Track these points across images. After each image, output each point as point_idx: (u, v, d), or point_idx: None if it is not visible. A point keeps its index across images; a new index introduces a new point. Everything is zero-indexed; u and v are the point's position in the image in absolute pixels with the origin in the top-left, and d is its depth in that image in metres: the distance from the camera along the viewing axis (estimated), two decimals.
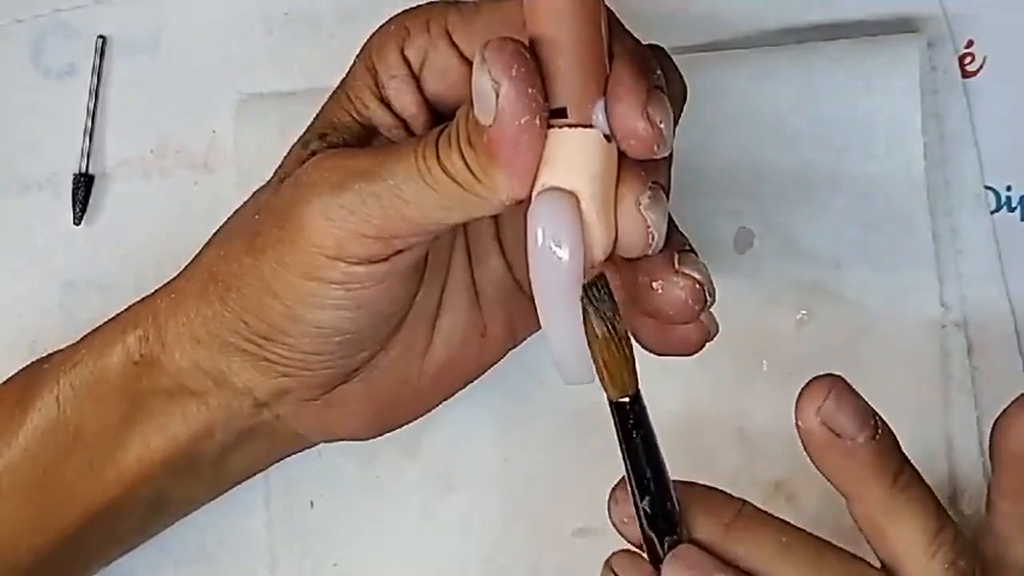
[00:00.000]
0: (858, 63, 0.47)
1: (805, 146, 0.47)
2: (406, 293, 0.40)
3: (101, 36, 0.52)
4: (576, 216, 0.34)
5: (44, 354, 0.45)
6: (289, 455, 0.45)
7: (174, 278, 0.43)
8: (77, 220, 0.51)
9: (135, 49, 0.52)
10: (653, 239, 0.35)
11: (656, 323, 0.38)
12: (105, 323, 0.44)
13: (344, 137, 0.39)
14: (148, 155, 0.51)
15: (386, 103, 0.39)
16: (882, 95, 0.47)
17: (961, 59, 0.48)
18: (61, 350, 0.45)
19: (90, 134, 0.51)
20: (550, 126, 0.34)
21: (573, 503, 0.48)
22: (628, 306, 0.38)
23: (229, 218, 0.42)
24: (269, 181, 0.41)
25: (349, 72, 0.40)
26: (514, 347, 0.44)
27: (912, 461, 0.38)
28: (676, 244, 0.37)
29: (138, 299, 0.43)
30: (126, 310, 0.43)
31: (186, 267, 0.42)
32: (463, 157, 0.35)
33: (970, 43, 0.48)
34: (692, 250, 0.37)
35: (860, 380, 0.47)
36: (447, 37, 0.38)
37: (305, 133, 0.40)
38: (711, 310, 0.38)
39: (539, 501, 0.48)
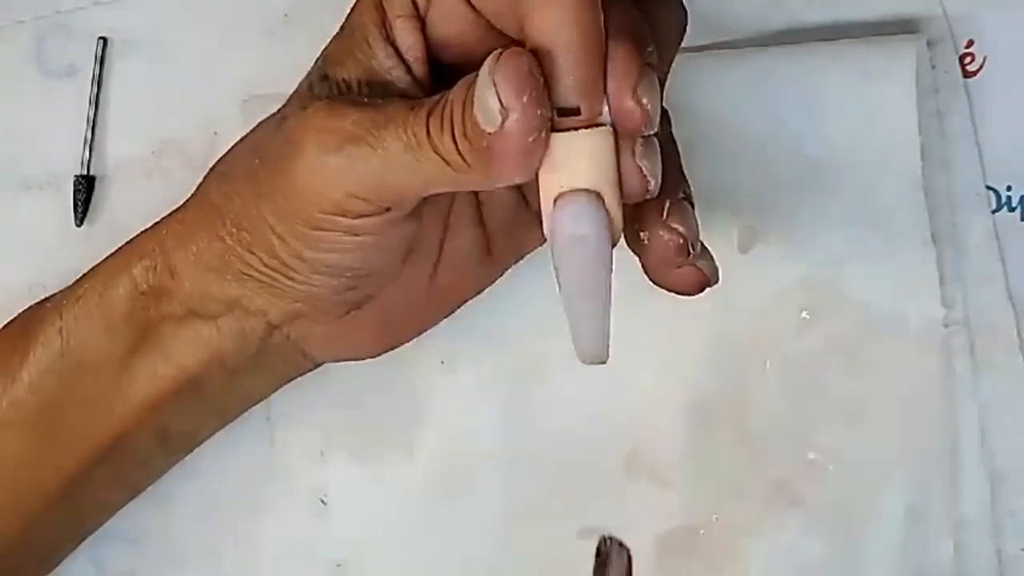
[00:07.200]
0: (858, 63, 0.47)
1: (805, 146, 0.48)
2: (412, 229, 0.40)
3: (102, 37, 0.51)
4: (603, 213, 0.35)
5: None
6: (292, 380, 0.46)
7: (178, 208, 0.43)
8: (79, 221, 0.51)
9: (136, 50, 0.52)
10: (650, 185, 0.36)
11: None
12: (106, 259, 0.44)
13: (343, 77, 0.39)
14: (149, 156, 0.51)
15: (392, 43, 0.38)
16: (881, 95, 0.47)
17: (961, 59, 0.48)
18: (61, 290, 0.44)
19: (91, 135, 0.51)
20: (563, 129, 0.34)
21: (577, 503, 0.48)
22: (629, 238, 0.38)
23: (232, 148, 0.42)
24: (273, 115, 0.41)
25: (355, 8, 0.40)
26: (517, 262, 0.45)
27: (914, 460, 0.38)
28: (670, 191, 0.37)
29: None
30: (127, 243, 0.44)
31: (191, 198, 0.43)
32: (455, 144, 0.34)
33: (970, 43, 0.49)
34: (687, 197, 0.38)
35: (863, 379, 0.47)
36: None
37: (312, 71, 0.40)
38: (716, 260, 0.38)
39: (543, 502, 0.48)
